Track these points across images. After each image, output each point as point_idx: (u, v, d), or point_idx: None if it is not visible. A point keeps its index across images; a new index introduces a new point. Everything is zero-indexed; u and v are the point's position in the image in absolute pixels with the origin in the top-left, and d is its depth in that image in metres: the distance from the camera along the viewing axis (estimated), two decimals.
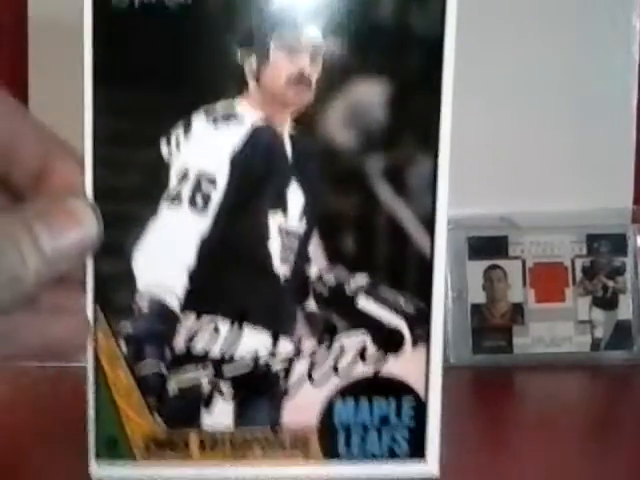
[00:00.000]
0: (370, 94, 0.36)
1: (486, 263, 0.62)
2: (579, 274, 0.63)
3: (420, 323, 0.38)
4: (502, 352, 0.62)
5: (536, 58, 0.64)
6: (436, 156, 0.37)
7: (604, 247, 0.63)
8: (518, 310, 0.62)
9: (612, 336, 0.62)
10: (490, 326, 0.62)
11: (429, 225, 0.37)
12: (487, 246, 0.62)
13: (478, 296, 0.62)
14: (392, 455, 0.39)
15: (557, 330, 0.62)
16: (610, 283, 0.63)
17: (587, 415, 0.53)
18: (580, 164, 0.65)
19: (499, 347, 0.62)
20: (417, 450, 0.39)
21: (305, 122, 0.36)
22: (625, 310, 0.63)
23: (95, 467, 0.37)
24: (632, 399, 0.57)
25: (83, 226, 0.33)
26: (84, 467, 0.38)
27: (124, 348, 0.37)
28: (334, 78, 0.36)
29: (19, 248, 0.30)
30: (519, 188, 0.65)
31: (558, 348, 0.62)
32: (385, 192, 0.37)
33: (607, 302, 0.63)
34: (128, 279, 0.36)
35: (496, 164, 0.64)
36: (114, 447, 0.37)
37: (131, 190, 0.36)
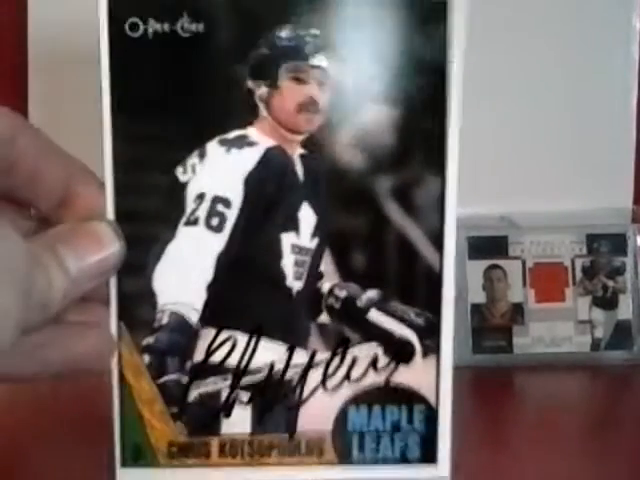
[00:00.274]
0: (377, 118, 0.37)
1: (486, 263, 0.62)
2: (579, 274, 0.63)
3: (430, 334, 0.39)
4: (502, 352, 0.61)
5: (536, 58, 0.64)
6: (443, 176, 0.38)
7: (604, 247, 0.63)
8: (518, 310, 0.62)
9: (612, 336, 0.62)
10: (490, 326, 0.62)
11: (437, 241, 0.39)
12: (487, 246, 0.62)
13: (478, 296, 0.62)
14: (404, 460, 0.40)
15: (557, 330, 0.62)
16: (610, 283, 0.63)
17: (587, 415, 0.53)
18: (580, 164, 0.65)
19: (499, 347, 0.61)
20: (428, 455, 0.40)
21: (315, 145, 0.38)
22: (625, 310, 0.63)
23: (121, 474, 0.40)
24: (632, 399, 0.57)
25: (106, 247, 0.35)
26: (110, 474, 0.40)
27: (147, 360, 0.38)
28: (342, 104, 0.37)
29: (47, 272, 0.32)
30: (519, 188, 0.65)
31: (558, 348, 0.62)
32: (394, 211, 0.38)
33: (607, 302, 0.63)
34: (150, 296, 0.38)
35: (496, 164, 0.64)
36: (139, 454, 0.39)
37: (151, 213, 0.38)
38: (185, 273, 0.38)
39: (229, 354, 0.39)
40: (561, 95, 0.65)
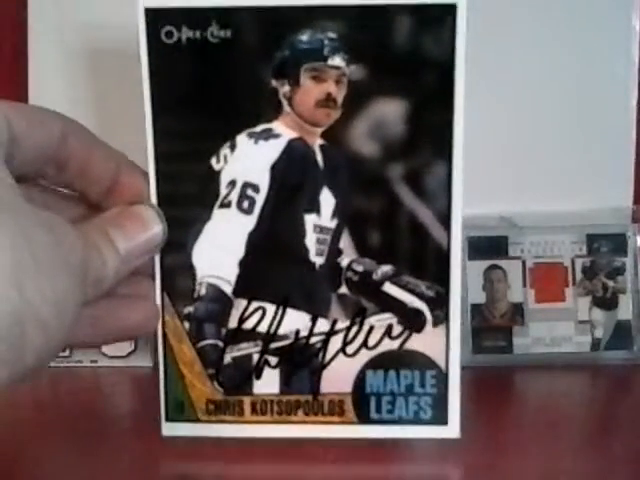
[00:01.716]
0: (390, 111, 0.41)
1: (486, 263, 0.62)
2: (579, 274, 0.62)
3: (440, 306, 0.43)
4: (502, 352, 0.61)
5: (536, 58, 0.64)
6: (450, 162, 0.42)
7: (604, 247, 0.62)
8: (518, 310, 0.62)
9: (612, 336, 0.62)
10: (490, 326, 0.61)
11: (445, 221, 0.42)
12: (487, 246, 0.62)
13: (478, 296, 0.61)
14: (418, 420, 0.44)
15: (557, 330, 0.61)
16: (610, 283, 0.62)
17: (587, 415, 0.52)
18: (580, 164, 0.65)
19: (499, 347, 0.61)
20: (440, 416, 0.44)
21: (333, 136, 0.42)
22: (625, 310, 0.62)
23: (165, 427, 0.44)
24: (632, 399, 0.57)
25: (151, 228, 0.39)
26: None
27: (187, 327, 0.43)
28: (358, 99, 0.41)
29: (100, 252, 0.35)
30: (519, 188, 0.65)
31: (558, 348, 0.61)
32: (406, 194, 0.42)
33: (607, 302, 0.62)
34: (189, 270, 0.43)
35: (496, 164, 0.64)
36: (181, 410, 0.44)
37: (189, 197, 0.42)
38: (220, 250, 0.43)
39: (259, 322, 0.43)
40: (561, 95, 0.64)
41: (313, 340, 0.44)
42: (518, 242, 0.62)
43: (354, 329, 0.43)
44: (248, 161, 0.42)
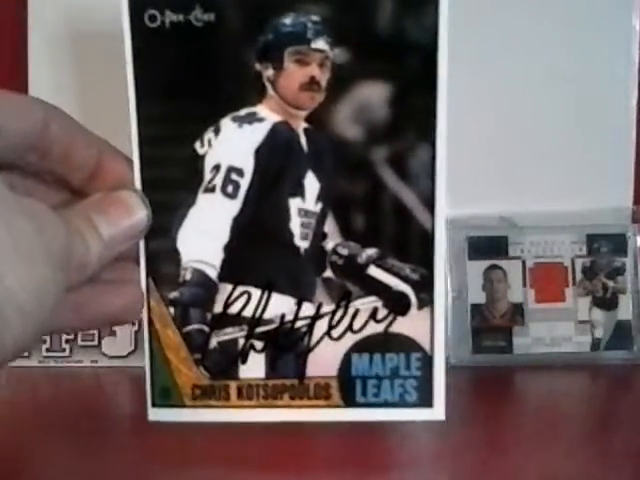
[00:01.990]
0: (373, 94, 0.42)
1: (486, 263, 0.62)
2: (579, 274, 0.63)
3: (424, 288, 0.43)
4: (502, 352, 0.61)
5: (536, 58, 0.64)
6: (434, 145, 0.42)
7: (604, 247, 0.63)
8: (518, 310, 0.62)
9: (612, 336, 0.62)
10: (490, 326, 0.62)
11: (429, 204, 0.42)
12: (487, 246, 0.62)
13: (478, 296, 0.62)
14: (403, 402, 0.44)
15: (557, 330, 0.62)
16: (610, 283, 0.63)
17: (587, 415, 0.52)
18: (580, 164, 0.65)
19: (499, 347, 0.62)
20: (425, 399, 0.44)
21: (317, 120, 0.42)
22: (625, 310, 0.62)
23: (152, 412, 0.44)
24: (632, 399, 0.56)
25: (135, 213, 0.39)
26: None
27: (173, 312, 0.43)
28: (341, 82, 0.41)
29: (84, 238, 0.35)
30: (519, 188, 0.65)
31: (558, 348, 0.61)
32: (390, 177, 0.42)
33: (607, 302, 0.62)
34: (174, 255, 0.43)
35: (496, 164, 0.64)
36: (167, 395, 0.44)
37: (173, 182, 0.42)
38: (205, 234, 0.43)
39: (244, 307, 0.43)
40: (561, 95, 0.64)
41: (298, 324, 0.44)
42: (518, 242, 0.63)
43: (339, 313, 0.44)
44: (232, 145, 0.42)
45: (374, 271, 0.43)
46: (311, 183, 0.43)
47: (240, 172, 0.42)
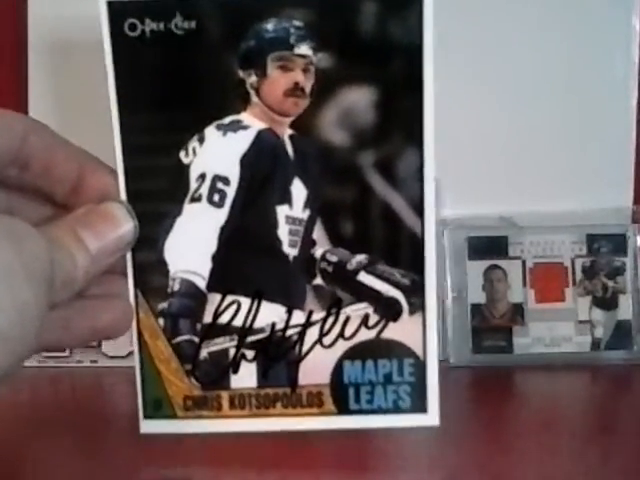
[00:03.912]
0: (359, 98, 0.41)
1: (486, 263, 0.62)
2: (579, 274, 0.62)
3: (415, 293, 0.43)
4: (502, 352, 0.61)
5: (536, 58, 0.64)
6: (422, 149, 0.42)
7: (604, 247, 0.63)
8: (518, 310, 0.62)
9: (612, 336, 0.62)
10: (490, 326, 0.62)
11: (418, 208, 0.42)
12: (487, 246, 0.62)
13: (478, 296, 0.62)
14: (397, 409, 0.44)
15: (557, 330, 0.62)
16: (610, 283, 0.62)
17: (587, 415, 0.52)
18: (580, 164, 0.65)
19: (499, 347, 0.61)
20: (419, 404, 0.44)
21: (303, 126, 0.41)
22: (625, 310, 0.62)
23: (144, 424, 0.44)
24: (632, 399, 0.56)
25: (121, 226, 0.39)
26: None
27: (162, 323, 0.43)
28: (326, 87, 0.41)
29: (70, 253, 0.35)
30: (519, 188, 0.65)
31: (558, 348, 0.61)
32: (378, 182, 0.42)
33: (607, 302, 0.62)
34: (162, 266, 0.42)
35: (496, 164, 0.64)
36: (159, 407, 0.44)
37: (159, 192, 0.42)
38: (192, 244, 0.42)
39: (234, 316, 0.43)
40: (561, 95, 0.64)
41: (289, 332, 0.43)
42: (518, 242, 0.63)
43: (330, 320, 0.43)
44: (217, 154, 0.42)
45: (364, 277, 0.43)
46: (298, 190, 0.42)
47: (226, 181, 0.42)
